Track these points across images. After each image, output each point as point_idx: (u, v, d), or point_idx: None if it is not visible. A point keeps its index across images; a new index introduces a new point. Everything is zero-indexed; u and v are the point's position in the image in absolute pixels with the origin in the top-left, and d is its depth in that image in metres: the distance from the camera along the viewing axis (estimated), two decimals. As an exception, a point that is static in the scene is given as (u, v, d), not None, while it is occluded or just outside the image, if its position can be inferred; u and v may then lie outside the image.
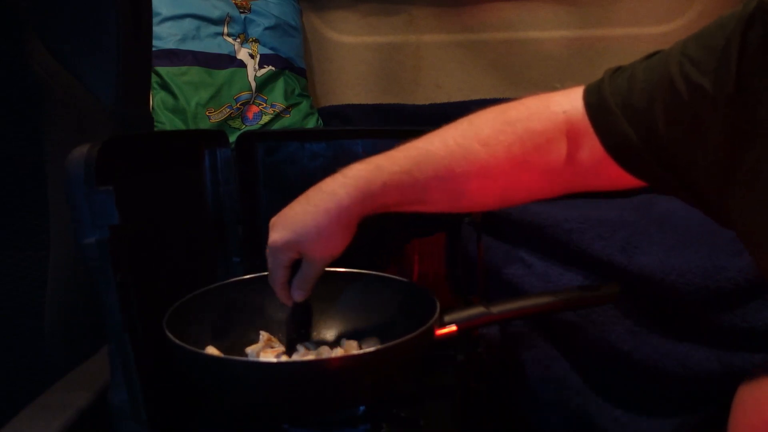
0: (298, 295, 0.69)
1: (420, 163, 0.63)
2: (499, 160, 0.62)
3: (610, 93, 0.58)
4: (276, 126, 1.51)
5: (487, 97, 1.62)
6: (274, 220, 0.67)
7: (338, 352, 0.74)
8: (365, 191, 0.63)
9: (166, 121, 1.41)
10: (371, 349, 0.71)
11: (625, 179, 0.60)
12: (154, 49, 1.32)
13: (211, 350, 0.72)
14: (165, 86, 1.43)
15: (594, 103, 0.60)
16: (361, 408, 0.71)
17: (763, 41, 0.48)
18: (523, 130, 0.62)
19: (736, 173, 0.50)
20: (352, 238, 0.66)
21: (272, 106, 1.52)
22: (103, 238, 0.61)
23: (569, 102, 0.62)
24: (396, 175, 0.63)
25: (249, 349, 0.75)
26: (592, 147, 0.60)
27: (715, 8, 1.54)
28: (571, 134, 0.61)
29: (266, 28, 1.55)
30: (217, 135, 0.90)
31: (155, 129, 1.20)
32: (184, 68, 1.44)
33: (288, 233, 0.64)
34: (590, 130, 0.59)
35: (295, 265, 0.69)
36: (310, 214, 0.64)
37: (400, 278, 0.79)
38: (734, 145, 0.50)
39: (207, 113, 1.45)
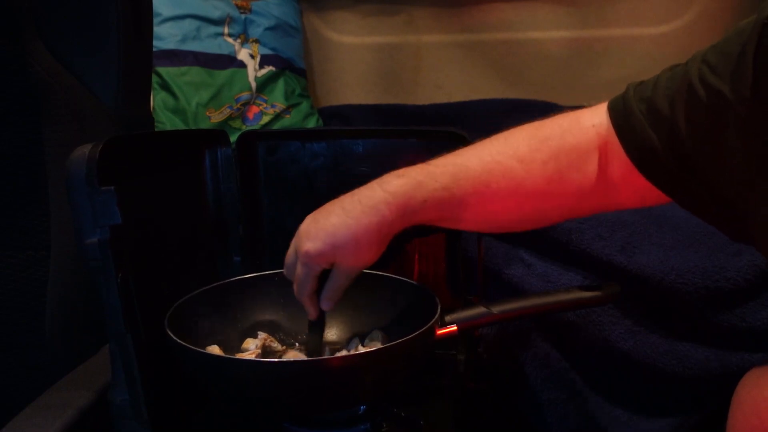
0: (327, 305, 0.68)
1: (459, 179, 0.63)
2: (535, 177, 0.63)
3: (634, 100, 0.59)
4: (276, 126, 1.51)
5: (487, 97, 1.62)
6: (305, 229, 0.65)
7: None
8: (407, 208, 0.62)
9: (166, 121, 1.41)
10: (372, 348, 0.71)
11: (651, 194, 0.60)
12: (154, 49, 1.32)
13: (213, 349, 0.72)
14: (165, 86, 1.43)
15: (619, 109, 0.60)
16: (362, 407, 0.71)
17: None
18: (558, 147, 0.63)
19: (757, 177, 0.50)
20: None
21: (272, 106, 1.52)
22: (105, 238, 0.61)
23: (597, 116, 0.63)
24: (436, 191, 0.62)
25: (245, 345, 0.76)
26: (619, 159, 0.60)
27: (714, 9, 1.54)
28: (602, 148, 0.62)
29: (266, 29, 1.55)
30: (217, 135, 0.90)
31: (156, 129, 1.20)
32: (184, 68, 1.44)
33: (325, 245, 0.63)
34: (616, 141, 0.60)
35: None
36: (350, 228, 0.62)
37: (401, 278, 0.79)
38: (754, 148, 0.50)
39: (207, 113, 1.45)
